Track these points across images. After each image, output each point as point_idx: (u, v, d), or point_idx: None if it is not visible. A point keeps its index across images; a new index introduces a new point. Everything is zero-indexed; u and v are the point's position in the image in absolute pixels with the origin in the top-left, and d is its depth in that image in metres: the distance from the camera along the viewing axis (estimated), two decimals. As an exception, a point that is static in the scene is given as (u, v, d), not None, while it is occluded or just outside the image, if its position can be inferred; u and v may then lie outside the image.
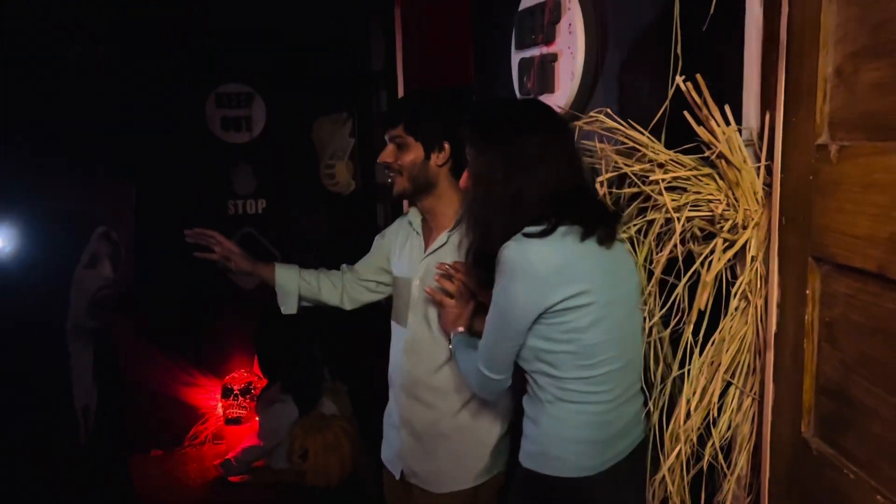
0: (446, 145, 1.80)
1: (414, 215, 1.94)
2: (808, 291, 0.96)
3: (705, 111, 1.21)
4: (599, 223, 1.39)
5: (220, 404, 4.48)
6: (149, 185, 4.29)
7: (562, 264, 1.36)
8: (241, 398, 4.38)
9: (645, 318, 1.47)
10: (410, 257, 1.91)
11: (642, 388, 1.51)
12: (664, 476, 1.33)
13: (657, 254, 1.41)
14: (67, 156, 3.90)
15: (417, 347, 1.88)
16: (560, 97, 1.81)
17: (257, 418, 4.27)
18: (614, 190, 1.45)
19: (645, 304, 1.45)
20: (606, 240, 1.39)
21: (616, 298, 1.41)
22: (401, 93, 3.46)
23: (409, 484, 1.95)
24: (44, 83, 3.86)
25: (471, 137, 1.46)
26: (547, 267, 1.36)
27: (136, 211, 4.33)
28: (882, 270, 0.77)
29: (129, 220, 4.32)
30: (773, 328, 1.11)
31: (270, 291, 4.70)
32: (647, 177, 1.33)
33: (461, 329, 1.70)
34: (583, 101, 1.76)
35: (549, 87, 1.84)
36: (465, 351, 1.63)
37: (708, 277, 1.19)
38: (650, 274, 1.41)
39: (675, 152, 1.31)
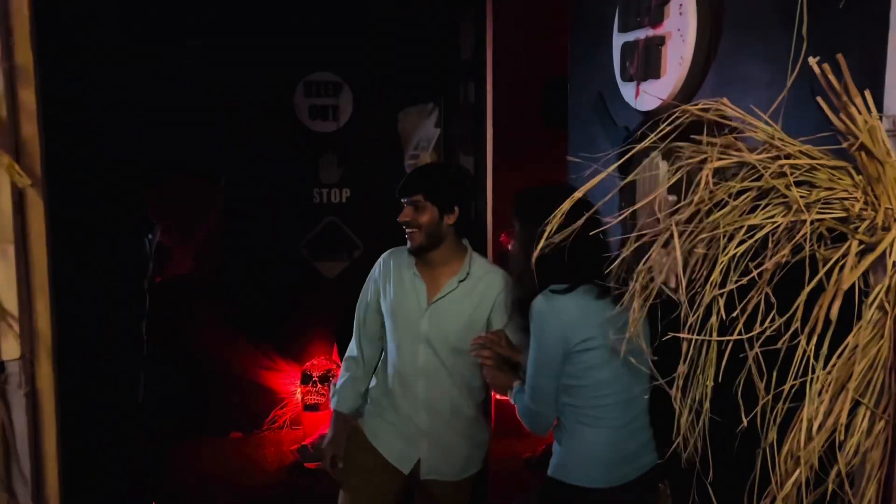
0: (456, 209, 2.18)
1: (407, 261, 2.27)
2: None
3: (845, 97, 1.08)
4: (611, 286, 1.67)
5: (298, 390, 4.52)
6: (237, 172, 4.37)
7: (579, 315, 1.75)
8: (319, 385, 4.41)
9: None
10: (416, 298, 2.24)
11: (651, 422, 1.85)
12: None
13: (770, 258, 1.27)
14: (162, 142, 3.99)
15: (431, 373, 2.23)
16: (666, 84, 1.69)
17: (334, 406, 4.29)
18: (720, 183, 1.32)
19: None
20: (617, 300, 1.62)
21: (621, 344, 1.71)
22: (489, 83, 3.38)
23: (417, 477, 2.31)
24: (137, 79, 3.97)
25: (515, 216, 1.89)
26: (568, 316, 1.76)
27: (224, 198, 4.42)
28: None
29: (216, 208, 4.41)
30: (916, 344, 0.97)
31: (353, 280, 4.73)
32: (760, 170, 1.20)
33: (515, 385, 1.99)
34: (691, 87, 1.63)
35: (654, 73, 1.72)
36: (519, 398, 1.94)
37: (845, 284, 1.06)
38: (751, 281, 1.27)
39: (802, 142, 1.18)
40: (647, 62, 1.74)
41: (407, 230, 2.19)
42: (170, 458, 3.88)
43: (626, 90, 1.88)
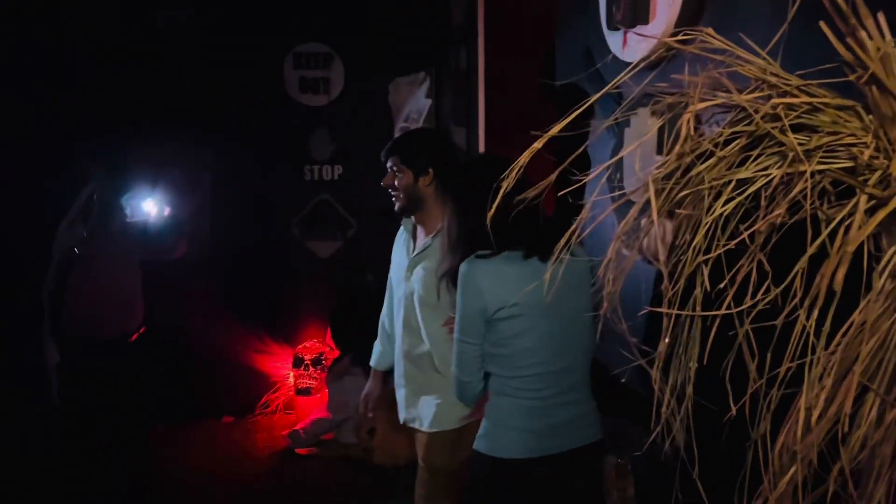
0: (430, 171, 2.28)
1: (407, 222, 2.44)
2: None
3: (853, 20, 0.89)
4: (542, 245, 1.70)
5: (291, 374, 4.41)
6: (224, 149, 4.22)
7: (497, 280, 1.74)
8: (311, 369, 4.30)
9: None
10: (403, 254, 2.41)
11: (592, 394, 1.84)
12: (770, 504, 1.03)
13: (763, 218, 1.08)
14: (146, 119, 3.87)
15: (409, 323, 2.35)
16: (655, 28, 1.50)
17: (327, 390, 4.17)
18: (705, 131, 1.14)
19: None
20: (548, 258, 1.65)
21: (551, 312, 1.71)
22: (481, 51, 3.20)
23: (410, 427, 2.45)
24: (128, 50, 3.84)
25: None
26: (486, 281, 1.75)
27: (213, 175, 4.28)
28: None
29: (206, 184, 4.27)
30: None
31: (347, 261, 4.58)
32: (751, 113, 1.01)
33: None
34: (683, 31, 1.45)
35: (642, 18, 1.54)
36: None
37: (851, 247, 0.88)
38: (741, 246, 1.09)
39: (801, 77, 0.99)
40: (634, 5, 1.55)
41: (392, 193, 2.34)
42: (160, 442, 3.77)
43: (613, 40, 1.70)
